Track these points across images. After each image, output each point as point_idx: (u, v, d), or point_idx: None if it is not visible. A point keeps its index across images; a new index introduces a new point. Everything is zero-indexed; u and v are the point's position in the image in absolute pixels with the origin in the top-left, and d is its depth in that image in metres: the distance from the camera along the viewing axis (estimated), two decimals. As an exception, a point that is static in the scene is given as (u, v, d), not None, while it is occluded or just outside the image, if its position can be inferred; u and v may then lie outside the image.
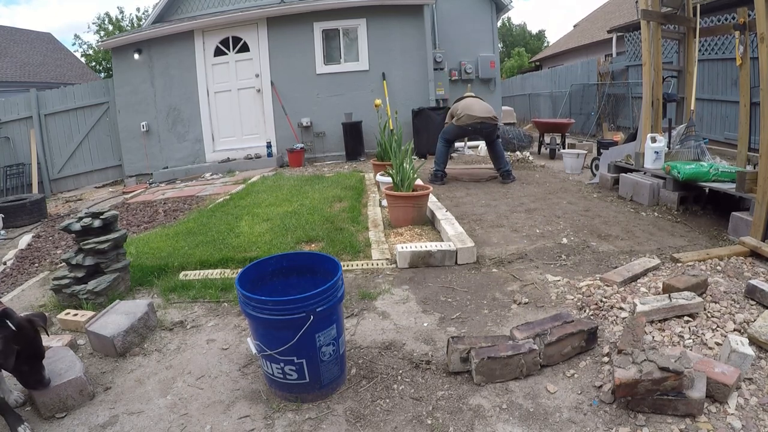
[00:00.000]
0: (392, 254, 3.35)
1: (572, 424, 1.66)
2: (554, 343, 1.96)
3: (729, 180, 3.71)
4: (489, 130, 5.64)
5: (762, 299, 2.24)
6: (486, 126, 5.59)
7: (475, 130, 5.70)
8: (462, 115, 5.59)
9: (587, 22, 20.54)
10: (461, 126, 5.64)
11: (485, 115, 5.56)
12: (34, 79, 16.16)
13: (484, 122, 5.55)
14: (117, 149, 9.41)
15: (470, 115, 5.53)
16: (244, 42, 8.62)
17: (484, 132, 5.68)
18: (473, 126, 5.59)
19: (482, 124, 5.56)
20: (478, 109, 5.58)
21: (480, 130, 5.65)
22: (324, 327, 1.81)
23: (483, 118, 5.54)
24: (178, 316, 2.66)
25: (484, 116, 5.56)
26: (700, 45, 7.35)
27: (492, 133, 5.68)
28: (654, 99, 4.67)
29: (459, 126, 5.66)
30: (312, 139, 8.76)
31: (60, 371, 1.94)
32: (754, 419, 1.59)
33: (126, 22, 26.64)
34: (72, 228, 2.81)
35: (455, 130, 5.75)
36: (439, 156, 5.84)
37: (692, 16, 4.79)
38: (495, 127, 5.69)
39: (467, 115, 5.55)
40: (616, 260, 3.15)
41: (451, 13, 9.77)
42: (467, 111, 5.57)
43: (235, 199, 5.46)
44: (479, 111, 5.57)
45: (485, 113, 5.58)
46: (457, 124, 5.65)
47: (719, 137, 7.38)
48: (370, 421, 1.75)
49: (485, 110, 5.62)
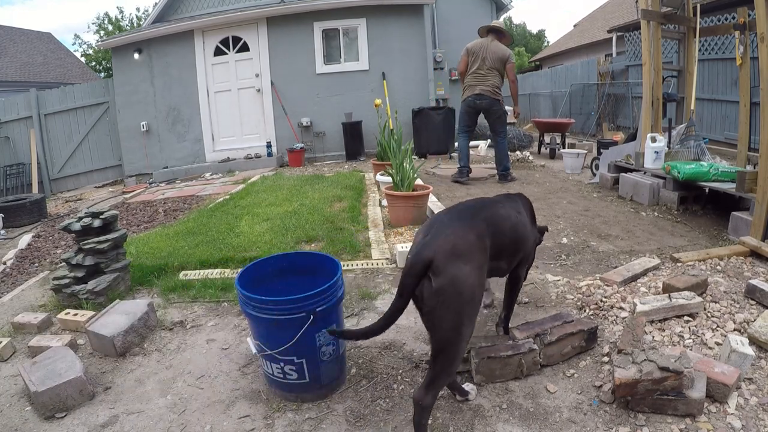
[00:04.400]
0: (392, 254, 3.35)
1: (572, 423, 1.66)
2: (554, 343, 1.96)
3: (729, 180, 3.71)
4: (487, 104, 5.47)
5: (762, 299, 2.24)
6: (485, 98, 5.44)
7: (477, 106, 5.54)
8: (464, 88, 5.56)
9: (587, 21, 20.54)
10: (465, 100, 5.58)
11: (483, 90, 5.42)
12: (34, 79, 16.16)
13: (482, 95, 5.43)
14: (117, 149, 9.40)
15: (471, 87, 5.49)
16: (244, 42, 8.61)
17: (484, 106, 5.51)
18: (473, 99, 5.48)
19: (480, 96, 5.44)
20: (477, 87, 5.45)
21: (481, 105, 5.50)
22: (324, 327, 1.81)
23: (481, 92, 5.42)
24: (178, 316, 2.66)
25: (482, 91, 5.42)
26: (700, 45, 7.35)
27: (493, 111, 5.53)
28: (654, 99, 4.66)
29: (464, 101, 5.59)
30: (312, 139, 8.76)
31: (60, 371, 1.94)
32: (754, 419, 1.59)
33: (126, 22, 26.64)
34: (72, 228, 2.81)
35: (463, 107, 5.65)
36: (461, 151, 5.76)
37: (692, 16, 4.79)
38: (497, 103, 5.51)
39: (468, 87, 5.50)
40: (616, 260, 3.15)
41: (451, 13, 9.77)
42: (466, 84, 5.52)
43: (235, 199, 5.46)
44: (478, 87, 5.45)
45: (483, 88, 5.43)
46: (462, 99, 5.60)
47: (719, 137, 7.38)
48: (370, 421, 1.75)
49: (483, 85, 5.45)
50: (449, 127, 8.06)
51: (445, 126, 8.03)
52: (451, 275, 1.43)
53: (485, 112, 5.63)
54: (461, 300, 1.46)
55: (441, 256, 1.45)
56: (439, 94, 8.82)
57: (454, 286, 1.44)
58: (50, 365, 1.98)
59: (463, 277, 1.45)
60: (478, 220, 1.63)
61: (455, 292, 1.44)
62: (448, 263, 1.44)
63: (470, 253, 1.51)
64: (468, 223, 1.59)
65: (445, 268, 1.43)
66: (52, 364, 1.98)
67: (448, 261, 1.45)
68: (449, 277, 1.43)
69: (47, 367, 1.97)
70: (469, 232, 1.55)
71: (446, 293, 1.43)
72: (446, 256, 1.45)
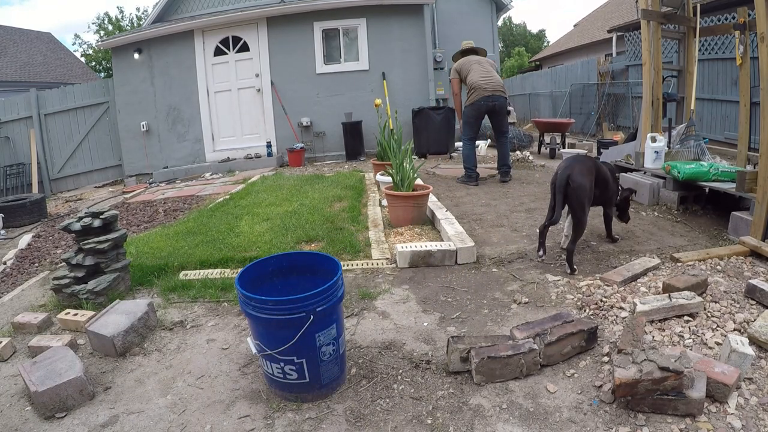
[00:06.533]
0: (392, 254, 3.34)
1: (572, 423, 1.66)
2: (554, 343, 1.96)
3: (729, 180, 3.71)
4: (500, 104, 5.34)
5: (762, 299, 2.24)
6: (498, 98, 5.31)
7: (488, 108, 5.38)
8: (472, 91, 5.34)
9: (587, 21, 20.55)
10: (474, 103, 5.34)
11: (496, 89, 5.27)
12: (34, 79, 16.17)
13: (495, 94, 5.28)
14: (117, 149, 9.41)
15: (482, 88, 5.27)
16: (244, 42, 8.61)
17: (497, 108, 5.36)
18: (485, 101, 5.31)
19: (493, 98, 5.29)
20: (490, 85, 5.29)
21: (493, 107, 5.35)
22: (324, 327, 1.81)
23: (494, 92, 5.26)
24: (178, 316, 2.66)
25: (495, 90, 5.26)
26: (700, 45, 7.35)
27: (505, 111, 5.41)
28: (654, 99, 4.66)
29: (472, 104, 5.36)
30: (312, 139, 8.76)
31: (60, 371, 1.94)
32: (754, 419, 1.59)
33: (126, 22, 26.67)
34: (72, 228, 2.81)
35: (471, 112, 5.41)
36: (467, 157, 5.58)
37: (692, 16, 4.79)
38: (506, 102, 5.40)
39: (479, 89, 5.28)
40: (616, 260, 3.15)
41: (451, 12, 9.77)
42: (476, 86, 5.31)
43: (235, 199, 5.46)
44: (490, 86, 5.29)
45: (496, 87, 5.29)
46: (469, 103, 5.39)
47: (719, 137, 7.38)
48: (370, 421, 1.75)
49: (495, 84, 5.32)
50: (449, 127, 8.05)
51: (445, 126, 8.02)
52: (579, 182, 2.90)
53: (497, 113, 5.45)
54: (584, 193, 2.93)
55: (574, 174, 2.92)
56: (439, 94, 8.82)
57: (581, 187, 2.90)
58: (50, 365, 1.98)
59: (585, 183, 2.93)
60: (588, 163, 3.11)
61: (582, 189, 2.91)
62: (577, 177, 2.91)
63: (586, 174, 2.96)
64: (584, 163, 3.08)
65: (577, 179, 2.90)
66: (52, 364, 1.98)
67: (577, 176, 2.91)
68: (579, 183, 2.90)
69: (47, 367, 1.97)
70: (584, 166, 3.02)
71: (578, 190, 2.89)
72: (576, 174, 2.92)
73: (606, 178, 3.21)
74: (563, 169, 2.97)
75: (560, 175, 2.93)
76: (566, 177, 2.90)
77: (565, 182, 2.90)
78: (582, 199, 2.91)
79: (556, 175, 2.98)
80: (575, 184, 2.89)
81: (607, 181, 3.23)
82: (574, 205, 2.91)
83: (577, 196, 2.89)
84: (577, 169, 2.94)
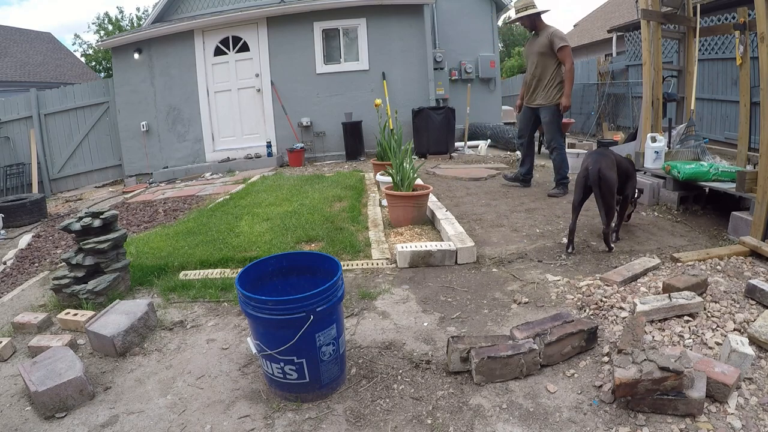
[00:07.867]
0: (392, 254, 3.34)
1: (572, 423, 1.66)
2: (554, 343, 1.96)
3: (729, 180, 3.71)
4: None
5: (762, 299, 2.24)
6: None
7: None
8: None
9: (587, 21, 20.54)
10: None
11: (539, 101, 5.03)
12: (34, 79, 16.17)
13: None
14: (117, 149, 9.40)
15: None
16: (244, 42, 8.61)
17: None
18: None
19: None
20: None
21: None
22: (324, 327, 1.81)
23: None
24: (178, 316, 2.66)
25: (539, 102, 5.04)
26: (700, 45, 7.35)
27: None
28: (654, 99, 4.66)
29: None
30: (312, 139, 8.76)
31: (60, 371, 1.94)
32: (754, 419, 1.59)
33: (126, 22, 26.65)
34: (72, 228, 2.81)
35: None
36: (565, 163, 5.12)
37: (692, 16, 4.79)
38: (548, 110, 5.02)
39: None
40: (616, 260, 3.15)
41: (451, 12, 9.76)
42: None
43: (235, 199, 5.46)
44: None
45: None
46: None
47: (719, 137, 7.38)
48: (370, 421, 1.75)
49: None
50: (449, 127, 8.05)
51: (445, 126, 8.02)
52: (607, 175, 3.18)
53: None
54: (611, 185, 3.21)
55: (602, 168, 3.18)
56: (439, 94, 8.81)
57: (608, 180, 3.18)
58: (50, 365, 1.98)
59: (611, 176, 3.20)
60: (613, 157, 3.36)
61: (608, 182, 3.19)
62: (604, 171, 3.18)
63: (611, 168, 3.23)
64: (609, 157, 3.33)
65: (604, 173, 3.18)
66: (52, 364, 1.98)
67: (604, 169, 3.18)
68: (606, 176, 3.18)
69: (47, 367, 1.97)
70: (610, 160, 3.29)
71: (605, 183, 3.18)
72: (604, 168, 3.19)
73: (627, 171, 3.54)
74: (592, 164, 3.24)
75: (591, 170, 3.21)
76: (597, 171, 3.20)
77: (597, 176, 3.19)
78: (612, 189, 3.25)
79: (587, 170, 3.24)
80: (605, 176, 3.20)
81: (627, 170, 3.55)
82: (606, 194, 3.22)
83: (608, 186, 3.21)
84: (604, 164, 3.24)
